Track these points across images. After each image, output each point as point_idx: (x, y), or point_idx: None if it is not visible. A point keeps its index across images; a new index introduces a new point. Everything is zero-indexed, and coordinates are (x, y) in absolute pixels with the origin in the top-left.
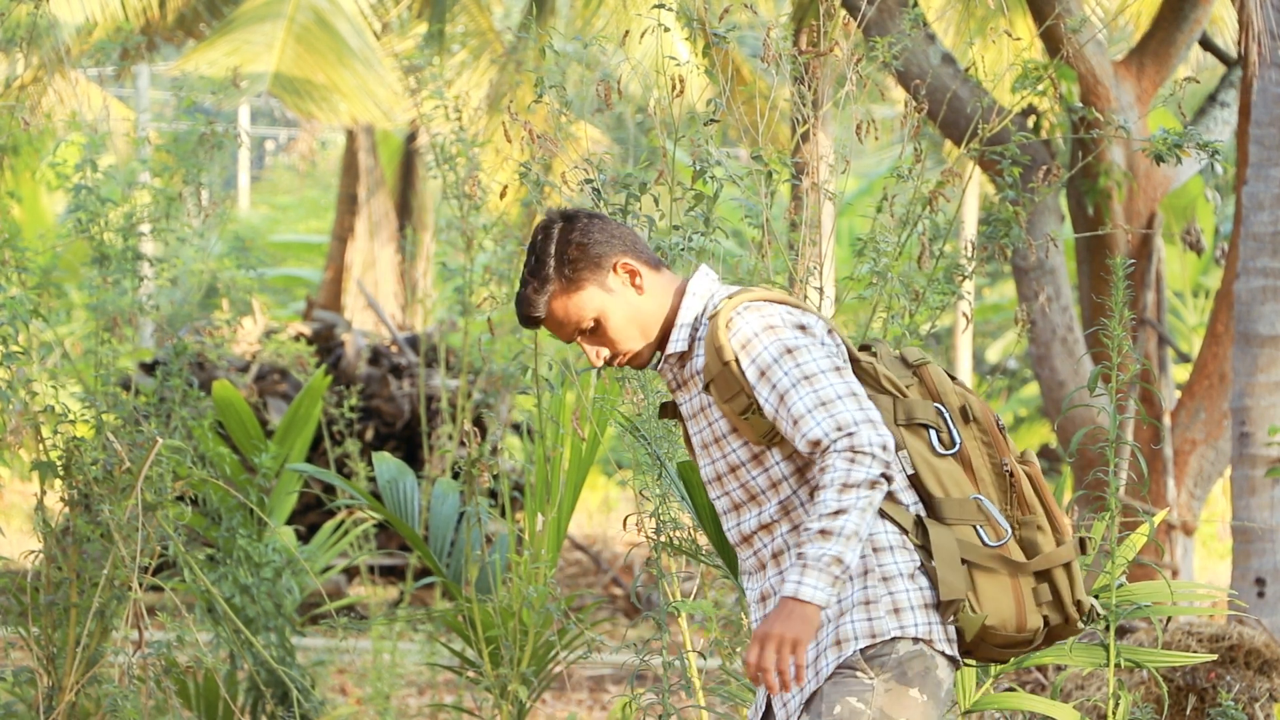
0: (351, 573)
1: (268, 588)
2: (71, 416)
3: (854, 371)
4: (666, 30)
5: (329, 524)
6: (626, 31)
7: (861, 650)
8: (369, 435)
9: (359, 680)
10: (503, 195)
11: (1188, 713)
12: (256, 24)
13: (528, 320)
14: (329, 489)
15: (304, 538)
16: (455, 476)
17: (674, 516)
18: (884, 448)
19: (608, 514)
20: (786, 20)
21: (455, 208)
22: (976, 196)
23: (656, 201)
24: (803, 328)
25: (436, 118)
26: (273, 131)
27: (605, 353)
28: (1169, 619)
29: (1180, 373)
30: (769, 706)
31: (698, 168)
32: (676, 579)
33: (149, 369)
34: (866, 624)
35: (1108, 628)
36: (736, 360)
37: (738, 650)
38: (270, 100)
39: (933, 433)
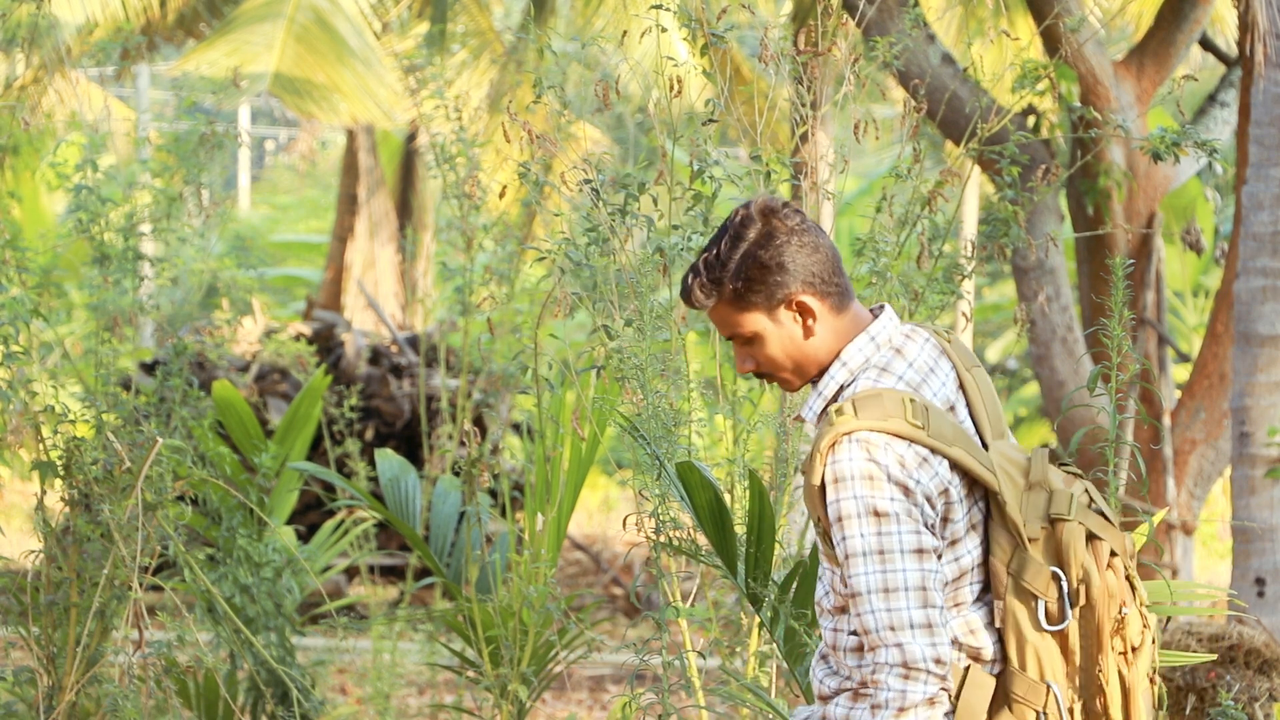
0: (351, 572)
1: (268, 587)
2: (71, 416)
3: (986, 505)
4: (665, 30)
5: (329, 524)
6: (625, 31)
7: None
8: (369, 435)
9: (359, 680)
10: (502, 195)
11: (1187, 712)
12: (256, 24)
13: (689, 303)
14: (329, 488)
15: (304, 537)
16: (455, 475)
17: (674, 516)
18: (938, 661)
19: (608, 514)
20: (786, 20)
21: (455, 208)
22: (976, 196)
23: (656, 201)
24: (905, 489)
25: (436, 118)
26: (273, 131)
27: (752, 365)
28: (1169, 619)
29: (1180, 373)
30: None
31: (697, 167)
32: (676, 579)
33: (149, 369)
34: None
35: None
36: (823, 489)
37: (737, 650)
38: (270, 100)
39: (1041, 604)
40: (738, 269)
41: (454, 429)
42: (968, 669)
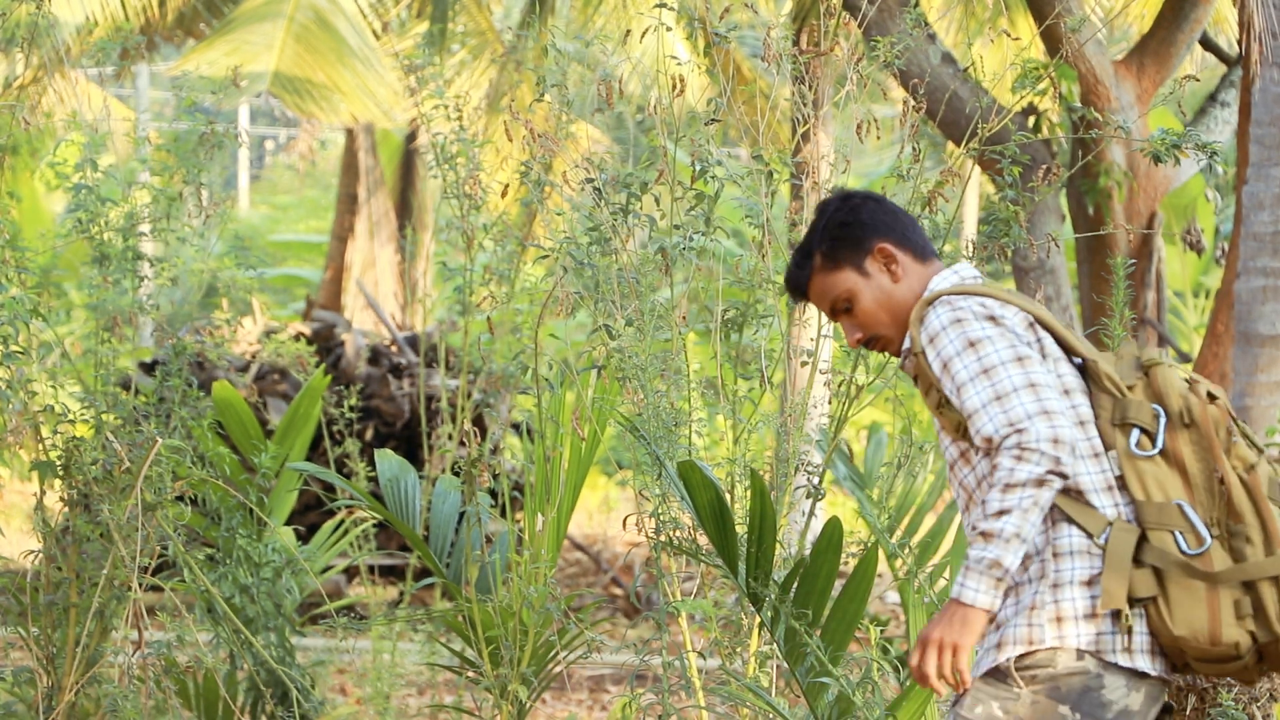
0: (351, 573)
1: (267, 588)
2: (71, 416)
3: (1074, 367)
4: (669, 30)
5: (329, 524)
6: (628, 31)
7: (1018, 657)
8: (369, 435)
9: (359, 680)
10: (503, 195)
11: (1188, 713)
12: (256, 23)
13: (795, 292)
14: (329, 488)
15: (304, 538)
16: (455, 475)
17: (674, 516)
18: (1054, 441)
19: (608, 514)
20: (787, 20)
21: (455, 207)
22: (976, 196)
23: (657, 201)
24: (993, 319)
25: (436, 117)
26: (273, 131)
27: (858, 335)
28: None
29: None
30: None
31: (698, 167)
32: (676, 579)
33: (149, 369)
34: (1026, 630)
35: None
36: (924, 353)
37: (738, 650)
38: (270, 100)
39: (1135, 432)
40: (822, 236)
41: (454, 429)
42: (1111, 523)
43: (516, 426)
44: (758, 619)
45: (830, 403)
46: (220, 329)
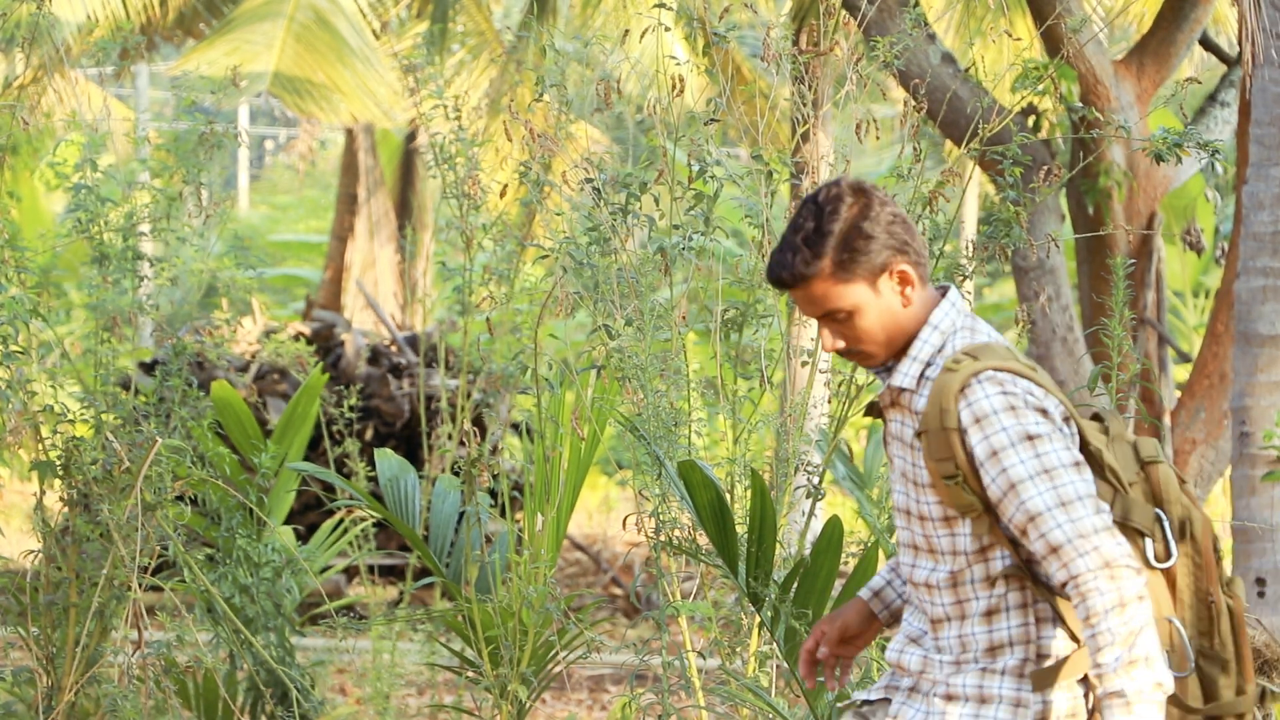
0: (351, 572)
1: (267, 588)
2: (71, 416)
3: (1082, 451)
4: (667, 30)
5: (328, 523)
6: (626, 31)
7: None
8: (368, 435)
9: (359, 680)
10: (502, 195)
11: None
12: (256, 23)
13: (779, 283)
14: (329, 488)
15: (303, 537)
16: (455, 475)
17: (674, 516)
18: (1131, 556)
19: (608, 514)
20: (786, 20)
21: (454, 207)
22: (976, 196)
23: (656, 201)
24: (1044, 412)
25: (436, 117)
26: (273, 131)
27: (842, 344)
28: None
29: (1180, 373)
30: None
31: (697, 167)
32: (676, 579)
33: (149, 369)
34: None
35: None
36: (963, 432)
37: (737, 650)
38: (270, 100)
39: (1148, 542)
40: (841, 240)
41: (454, 429)
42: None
43: (516, 426)
44: (758, 619)
45: (830, 403)
46: (220, 329)
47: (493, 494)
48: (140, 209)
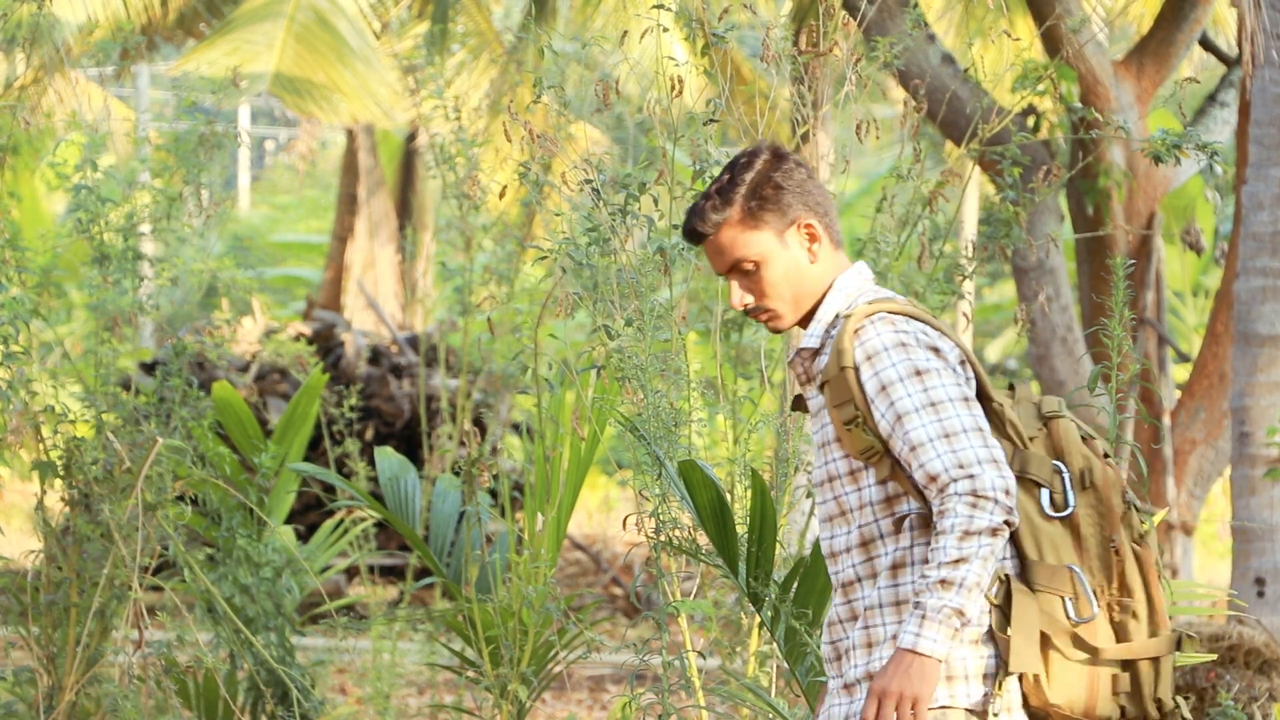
0: (351, 572)
1: (267, 587)
2: (71, 416)
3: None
4: (666, 30)
5: (328, 523)
6: (625, 31)
7: None
8: (369, 435)
9: (359, 680)
10: (502, 195)
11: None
12: (256, 23)
13: (692, 234)
14: (329, 489)
15: (304, 537)
16: (455, 475)
17: (674, 516)
18: (1007, 492)
19: (608, 514)
20: (786, 20)
21: (455, 208)
22: (976, 197)
23: (656, 201)
24: (936, 350)
25: (436, 118)
26: (273, 131)
27: (749, 300)
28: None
29: (1180, 373)
30: None
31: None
32: (676, 579)
33: (149, 369)
34: (946, 693)
35: None
36: (856, 369)
37: (737, 650)
38: (270, 100)
39: (1045, 492)
40: (751, 188)
41: (454, 429)
42: (1008, 579)
43: (516, 426)
44: (757, 619)
45: None
46: (220, 329)
47: (493, 494)
48: (140, 209)
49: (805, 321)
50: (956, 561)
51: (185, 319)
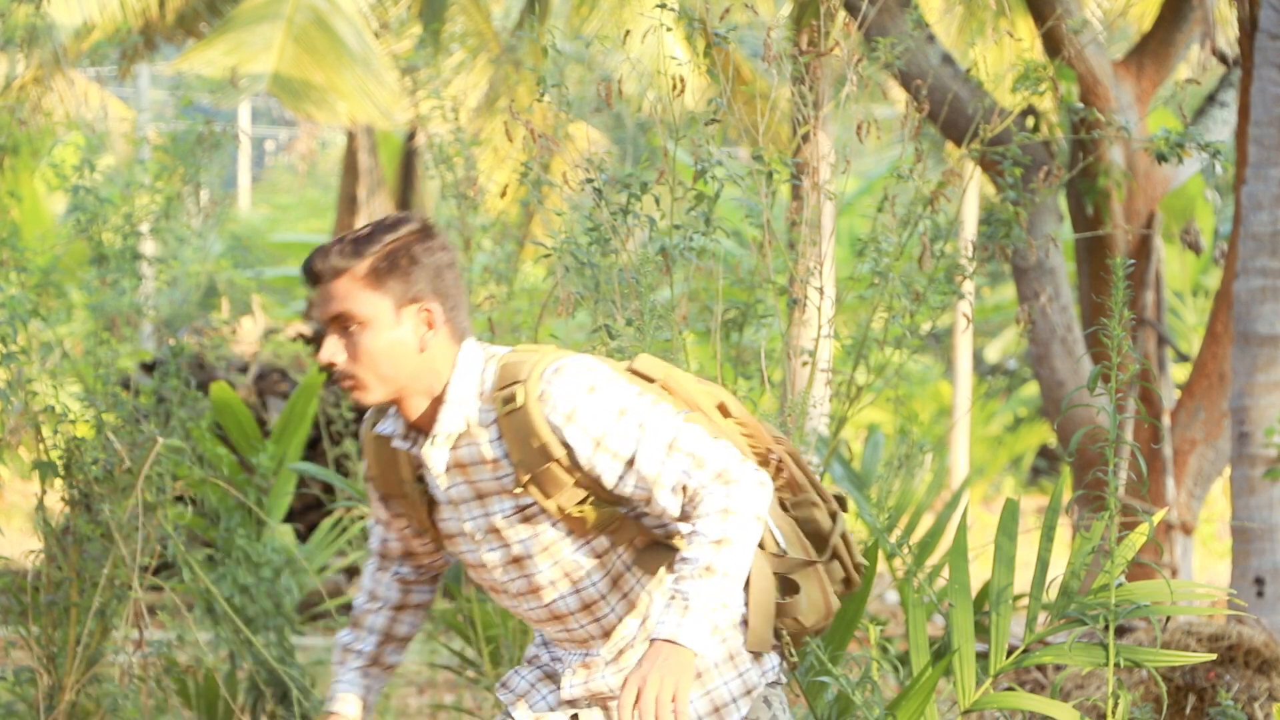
0: (351, 571)
1: (267, 587)
2: (72, 416)
3: None
4: (669, 30)
5: (326, 521)
6: (628, 31)
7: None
8: None
9: None
10: (502, 195)
11: (1187, 712)
12: (255, 24)
13: (309, 270)
14: (328, 488)
15: (303, 537)
16: None
17: None
18: (761, 483)
19: None
20: (787, 20)
21: (454, 208)
22: (977, 197)
23: (657, 201)
24: (610, 376)
25: (434, 118)
26: (273, 131)
27: (340, 360)
28: (1168, 618)
29: (1180, 373)
30: None
31: (698, 168)
32: None
33: (149, 369)
34: (739, 681)
35: (1107, 627)
36: (565, 443)
37: None
38: (270, 100)
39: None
40: (386, 253)
41: None
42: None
43: None
44: None
45: (830, 402)
46: (219, 330)
47: None
48: (139, 209)
49: (405, 407)
50: (719, 542)
51: (185, 319)
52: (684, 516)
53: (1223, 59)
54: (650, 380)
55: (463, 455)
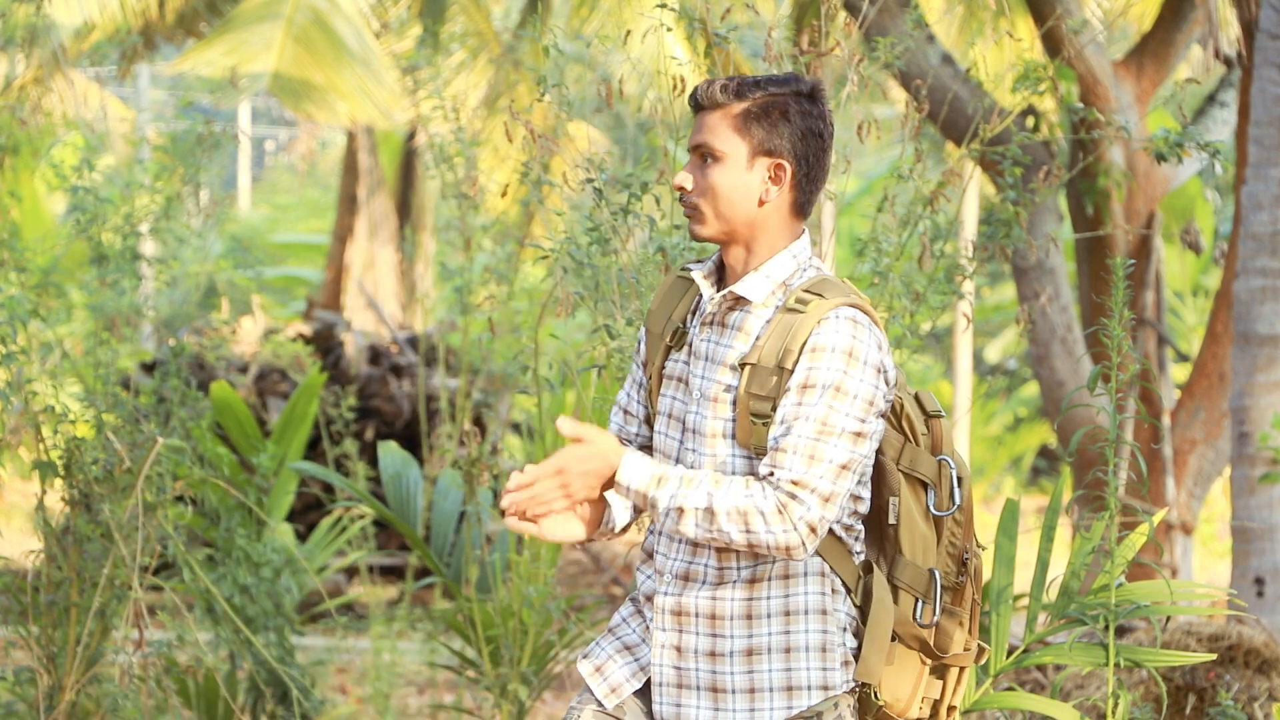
0: (351, 572)
1: (267, 587)
2: (72, 416)
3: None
4: (670, 30)
5: (326, 521)
6: (628, 31)
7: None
8: (369, 435)
9: (359, 680)
10: (503, 195)
11: (1187, 712)
12: (255, 24)
13: (694, 95)
14: (328, 488)
15: (303, 537)
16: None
17: None
18: (812, 529)
19: None
20: (787, 20)
21: (454, 208)
22: (977, 197)
23: (658, 201)
24: (877, 370)
25: (434, 118)
26: (273, 131)
27: (689, 185)
28: (1168, 618)
29: (1180, 373)
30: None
31: None
32: None
33: (149, 369)
34: (821, 674)
35: (1107, 627)
36: (793, 367)
37: None
38: (270, 100)
39: (930, 491)
40: (767, 103)
41: (454, 429)
42: (868, 563)
43: (516, 426)
44: None
45: None
46: (219, 330)
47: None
48: (139, 209)
49: (734, 257)
50: (728, 512)
51: (185, 319)
52: (759, 476)
53: (1225, 60)
54: (926, 413)
55: (731, 318)
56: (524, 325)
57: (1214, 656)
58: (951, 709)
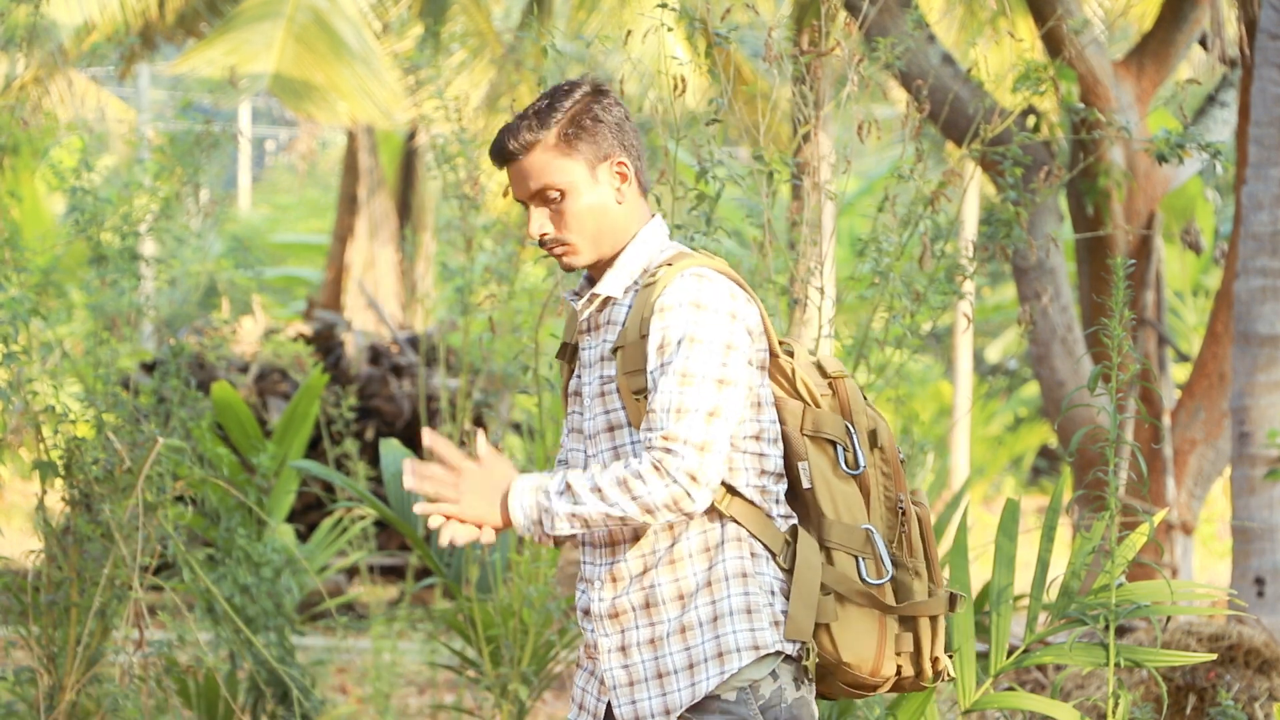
0: (352, 572)
1: (267, 587)
2: (72, 416)
3: (771, 368)
4: (670, 30)
5: (327, 521)
6: (628, 31)
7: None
8: (369, 435)
9: (359, 680)
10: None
11: (1187, 712)
12: (255, 23)
13: (502, 151)
14: (329, 488)
15: (303, 537)
16: None
17: None
18: (693, 479)
19: None
20: (787, 20)
21: (455, 208)
22: (977, 197)
23: (659, 201)
24: (733, 315)
25: (436, 118)
26: (273, 131)
27: (548, 231)
28: (1168, 618)
29: (1180, 372)
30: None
31: (699, 168)
32: None
33: (149, 369)
34: (750, 634)
35: (1107, 627)
36: (650, 319)
37: None
38: (270, 100)
39: (839, 450)
40: (571, 116)
41: (454, 429)
42: (795, 528)
43: (517, 426)
44: None
45: None
46: (220, 330)
47: None
48: (138, 209)
49: (598, 266)
50: (602, 490)
51: (185, 319)
52: (643, 443)
53: (1227, 60)
54: (828, 374)
55: (603, 318)
56: (524, 325)
57: (1214, 656)
58: (935, 659)
